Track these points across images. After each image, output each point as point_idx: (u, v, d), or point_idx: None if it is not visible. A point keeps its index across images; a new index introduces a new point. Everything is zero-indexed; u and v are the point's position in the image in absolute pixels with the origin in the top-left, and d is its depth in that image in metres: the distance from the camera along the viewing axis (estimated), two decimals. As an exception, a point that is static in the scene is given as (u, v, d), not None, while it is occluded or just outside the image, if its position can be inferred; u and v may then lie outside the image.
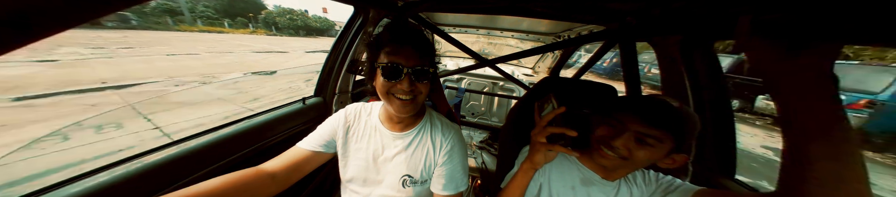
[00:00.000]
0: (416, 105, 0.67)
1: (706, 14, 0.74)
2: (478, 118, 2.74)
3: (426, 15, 1.92)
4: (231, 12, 31.28)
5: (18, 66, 6.01)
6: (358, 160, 0.77)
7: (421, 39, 0.64)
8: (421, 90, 0.65)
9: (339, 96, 1.35)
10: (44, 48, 8.66)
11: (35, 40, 0.21)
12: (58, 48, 9.09)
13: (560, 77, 1.12)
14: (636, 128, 0.58)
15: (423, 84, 0.64)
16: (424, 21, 1.37)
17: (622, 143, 0.58)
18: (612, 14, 0.98)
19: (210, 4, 30.80)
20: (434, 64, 0.67)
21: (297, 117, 1.19)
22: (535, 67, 2.89)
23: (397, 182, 0.75)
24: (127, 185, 0.62)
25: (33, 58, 7.05)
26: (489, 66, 1.46)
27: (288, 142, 1.16)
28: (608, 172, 0.69)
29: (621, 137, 0.58)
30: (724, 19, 0.70)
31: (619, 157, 0.59)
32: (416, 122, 0.76)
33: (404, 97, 0.64)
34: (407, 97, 0.64)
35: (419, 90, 0.64)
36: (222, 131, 0.89)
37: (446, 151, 0.74)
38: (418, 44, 0.63)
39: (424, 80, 0.63)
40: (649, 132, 0.57)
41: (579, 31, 1.77)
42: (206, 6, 30.50)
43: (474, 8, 1.15)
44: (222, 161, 0.85)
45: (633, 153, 0.58)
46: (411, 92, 0.63)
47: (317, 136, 0.77)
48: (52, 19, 0.21)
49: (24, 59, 6.75)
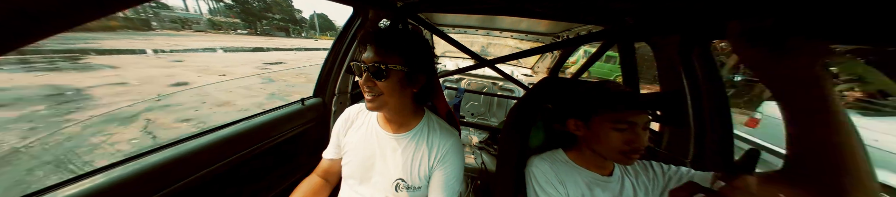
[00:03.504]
0: (380, 103, 0.65)
1: (704, 14, 0.74)
2: (477, 118, 2.74)
3: (425, 15, 1.92)
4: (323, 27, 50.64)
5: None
6: (355, 158, 0.78)
7: (392, 36, 0.62)
8: (379, 90, 0.63)
9: (339, 97, 1.35)
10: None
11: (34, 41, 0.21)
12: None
13: (559, 77, 1.12)
14: (641, 120, 0.61)
15: (383, 82, 0.62)
16: (424, 21, 1.37)
17: (642, 140, 0.61)
18: (610, 14, 0.98)
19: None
20: (410, 63, 0.62)
21: (297, 118, 1.19)
22: (534, 68, 2.89)
23: (390, 186, 0.75)
24: (126, 186, 0.62)
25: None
26: (488, 66, 1.46)
27: (288, 142, 1.17)
28: (602, 166, 0.71)
29: (640, 138, 0.61)
30: (723, 19, 0.71)
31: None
32: (412, 124, 0.75)
33: (366, 94, 0.65)
34: (368, 95, 0.64)
35: (378, 89, 0.63)
36: (221, 132, 0.89)
37: (441, 157, 0.72)
38: (384, 42, 0.61)
39: (382, 79, 0.61)
40: (648, 119, 0.62)
41: (578, 32, 1.77)
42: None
43: (473, 8, 1.15)
44: (222, 162, 0.85)
45: (644, 141, 0.62)
46: (370, 89, 0.63)
47: (332, 144, 0.86)
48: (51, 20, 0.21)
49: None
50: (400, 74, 0.62)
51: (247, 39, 25.26)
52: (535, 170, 0.72)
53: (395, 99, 0.66)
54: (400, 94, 0.65)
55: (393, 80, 0.62)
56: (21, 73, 6.02)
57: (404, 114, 0.73)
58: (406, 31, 0.66)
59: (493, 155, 1.83)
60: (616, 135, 0.62)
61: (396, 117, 0.74)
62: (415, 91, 0.68)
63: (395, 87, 0.63)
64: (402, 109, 0.71)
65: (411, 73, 0.63)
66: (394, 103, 0.67)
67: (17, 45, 0.21)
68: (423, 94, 0.70)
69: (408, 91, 0.67)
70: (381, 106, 0.66)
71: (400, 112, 0.72)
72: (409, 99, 0.69)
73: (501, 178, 0.82)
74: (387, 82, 0.62)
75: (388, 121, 0.75)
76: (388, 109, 0.69)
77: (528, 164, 0.76)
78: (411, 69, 0.62)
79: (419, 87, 0.67)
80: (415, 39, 0.64)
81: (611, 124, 0.62)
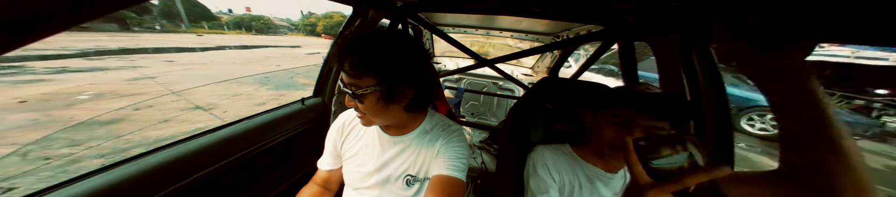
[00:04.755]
0: (368, 121, 0.65)
1: (704, 13, 0.74)
2: (477, 118, 2.74)
3: (425, 15, 1.92)
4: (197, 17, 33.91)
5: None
6: (360, 164, 0.77)
7: (361, 52, 0.52)
8: (362, 110, 0.61)
9: (339, 97, 1.35)
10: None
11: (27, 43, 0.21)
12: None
13: (559, 77, 1.12)
14: (644, 123, 0.59)
15: (363, 104, 0.58)
16: (423, 21, 1.37)
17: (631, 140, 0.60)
18: (610, 14, 0.98)
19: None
20: (386, 79, 0.55)
21: (296, 118, 1.19)
22: (534, 67, 2.89)
23: (401, 182, 0.75)
24: (126, 186, 0.62)
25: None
26: (488, 66, 1.46)
27: (288, 142, 1.17)
28: (608, 164, 0.70)
29: (631, 138, 0.60)
30: (723, 19, 0.71)
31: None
32: (414, 125, 0.74)
33: (357, 112, 0.64)
34: (358, 113, 0.64)
35: (360, 110, 0.61)
36: (221, 132, 0.89)
37: (446, 149, 0.72)
38: (355, 57, 0.52)
39: (361, 102, 0.58)
40: (657, 125, 0.59)
41: (578, 31, 1.77)
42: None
43: (473, 8, 1.15)
44: (222, 162, 0.85)
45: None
46: (355, 109, 0.62)
47: (327, 154, 0.83)
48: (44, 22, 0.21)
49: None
50: (376, 95, 0.57)
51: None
52: (534, 155, 0.75)
53: (380, 117, 0.63)
54: (383, 112, 0.62)
55: (370, 101, 0.58)
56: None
57: (402, 121, 0.72)
58: (381, 37, 0.55)
59: (493, 155, 1.84)
60: (612, 129, 0.64)
61: (395, 125, 0.73)
62: (404, 104, 0.63)
63: (375, 108, 0.60)
64: (397, 120, 0.70)
65: (390, 91, 0.57)
66: (383, 120, 0.65)
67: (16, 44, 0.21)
68: (415, 104, 0.64)
69: (393, 107, 0.62)
70: (371, 123, 0.67)
71: (396, 122, 0.71)
72: (400, 113, 0.65)
73: (501, 177, 0.82)
74: (366, 104, 0.59)
75: (387, 125, 0.75)
76: (382, 123, 0.70)
77: (531, 151, 0.78)
78: (389, 86, 0.56)
79: (408, 99, 0.61)
80: (395, 46, 0.55)
81: (612, 118, 0.65)
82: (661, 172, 0.32)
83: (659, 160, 0.32)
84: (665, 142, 0.32)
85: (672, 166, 0.32)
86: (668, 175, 0.32)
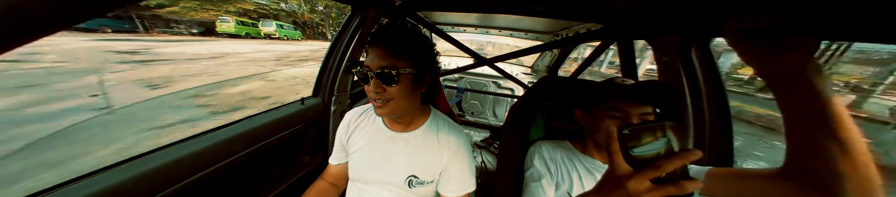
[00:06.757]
0: (391, 108, 0.64)
1: (705, 12, 0.74)
2: (477, 117, 2.75)
3: (424, 14, 1.91)
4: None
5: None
6: (363, 161, 0.78)
7: (398, 37, 0.59)
8: (390, 95, 0.61)
9: (338, 97, 1.35)
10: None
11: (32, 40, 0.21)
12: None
13: (558, 76, 1.12)
14: (636, 111, 0.63)
15: (394, 87, 0.60)
16: (422, 20, 1.36)
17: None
18: (610, 12, 0.98)
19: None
20: (418, 64, 0.60)
21: (296, 118, 1.19)
22: (533, 66, 2.89)
23: (403, 183, 0.75)
24: (126, 186, 0.62)
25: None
26: (488, 65, 1.46)
27: (287, 142, 1.16)
28: (606, 156, 0.71)
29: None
30: (723, 17, 0.71)
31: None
32: (419, 121, 0.75)
33: (376, 101, 0.63)
34: (378, 101, 0.63)
35: (388, 95, 0.61)
36: (221, 132, 0.89)
37: (452, 152, 0.73)
38: (392, 42, 0.58)
39: (393, 84, 0.59)
40: (646, 110, 0.63)
41: (577, 30, 1.77)
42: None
43: (472, 6, 1.14)
44: (222, 162, 0.85)
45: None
46: (379, 96, 0.61)
47: (337, 149, 0.85)
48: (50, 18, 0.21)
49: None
50: (410, 77, 0.60)
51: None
52: (534, 148, 0.80)
53: (406, 102, 0.64)
54: (411, 96, 0.64)
55: (404, 83, 0.60)
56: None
57: (414, 114, 0.74)
58: (410, 28, 0.64)
59: (493, 154, 1.84)
60: (609, 122, 0.66)
61: (405, 118, 0.73)
62: (423, 91, 0.67)
63: (407, 90, 0.61)
64: (411, 111, 0.71)
65: (420, 75, 0.61)
66: (404, 107, 0.66)
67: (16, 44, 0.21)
68: (430, 92, 0.71)
69: (418, 92, 0.66)
70: (394, 111, 0.65)
71: (409, 113, 0.72)
72: (418, 100, 0.69)
73: (502, 176, 0.83)
74: (398, 87, 0.60)
75: (395, 121, 0.75)
76: (401, 111, 0.68)
77: (531, 145, 0.82)
78: (420, 70, 0.60)
79: (426, 86, 0.67)
80: (420, 37, 0.62)
81: (606, 112, 0.67)
82: (639, 160, 0.32)
83: (639, 148, 0.32)
84: (647, 128, 0.32)
85: (651, 153, 0.31)
86: (646, 163, 0.31)
